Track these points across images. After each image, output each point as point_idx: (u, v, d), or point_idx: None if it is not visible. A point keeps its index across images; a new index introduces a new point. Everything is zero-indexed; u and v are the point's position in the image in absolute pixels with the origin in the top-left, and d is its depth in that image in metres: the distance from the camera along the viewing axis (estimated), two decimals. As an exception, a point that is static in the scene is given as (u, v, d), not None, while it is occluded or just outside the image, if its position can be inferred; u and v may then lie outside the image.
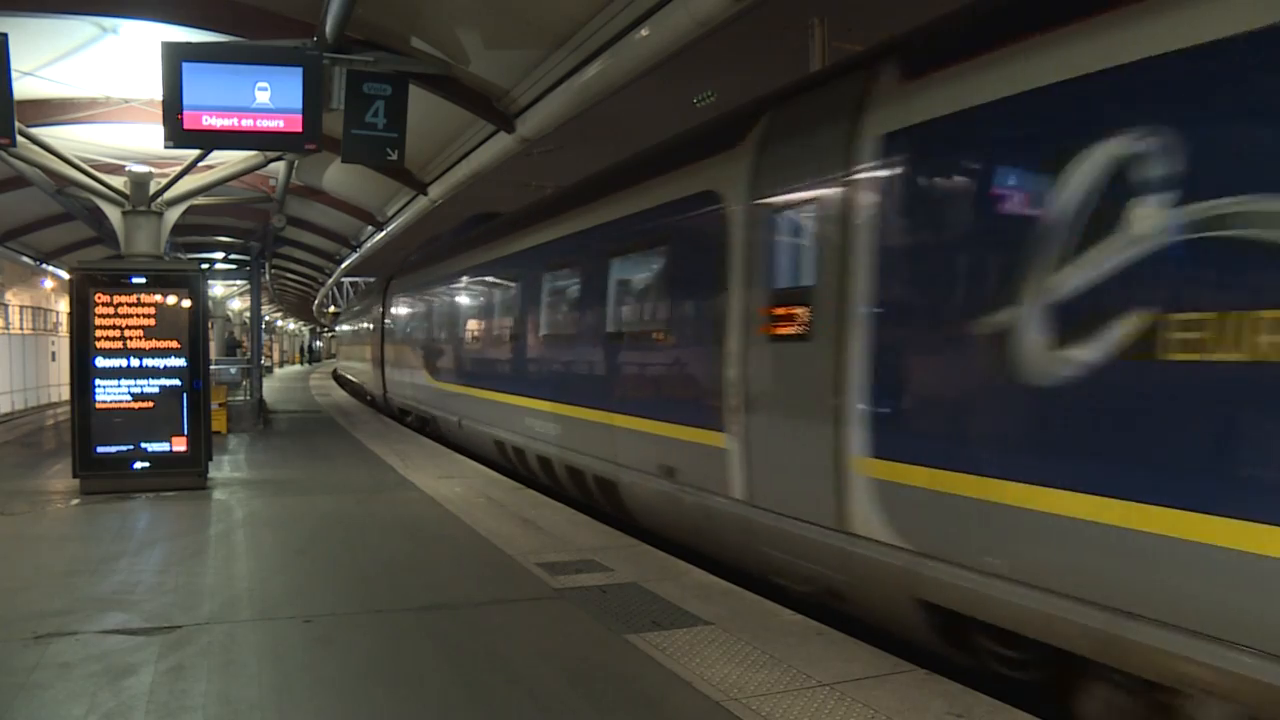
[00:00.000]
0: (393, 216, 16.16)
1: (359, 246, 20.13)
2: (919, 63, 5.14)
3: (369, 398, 24.72)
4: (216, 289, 23.87)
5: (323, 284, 31.90)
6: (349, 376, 32.67)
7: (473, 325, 13.49)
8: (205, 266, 10.82)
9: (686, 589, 6.03)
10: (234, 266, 20.47)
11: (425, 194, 13.39)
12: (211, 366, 14.41)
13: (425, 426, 16.86)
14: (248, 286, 21.85)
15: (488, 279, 12.72)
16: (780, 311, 5.93)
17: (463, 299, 14.14)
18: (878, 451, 5.04)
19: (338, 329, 41.90)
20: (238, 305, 32.26)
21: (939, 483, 4.63)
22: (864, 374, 5.16)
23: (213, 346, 19.43)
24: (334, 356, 59.83)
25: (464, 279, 14.05)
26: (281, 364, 60.05)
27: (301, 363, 69.99)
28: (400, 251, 24.00)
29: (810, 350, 5.60)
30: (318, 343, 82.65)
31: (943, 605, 4.73)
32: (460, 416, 13.82)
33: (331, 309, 56.40)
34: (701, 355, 6.86)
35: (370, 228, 17.79)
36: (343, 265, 23.89)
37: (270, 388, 29.67)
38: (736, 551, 6.60)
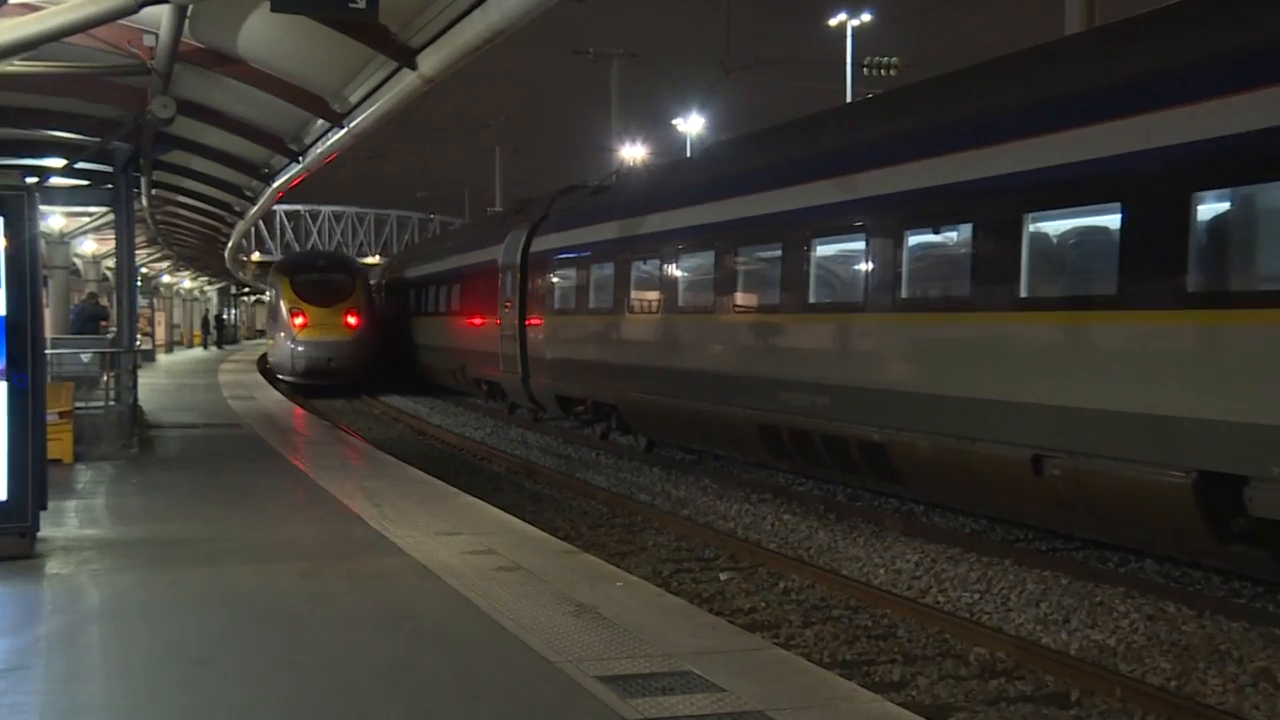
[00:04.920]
0: (359, 104, 16.16)
1: (303, 154, 20.27)
2: None
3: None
4: (54, 220, 24.21)
5: (243, 215, 32.08)
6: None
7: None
8: (33, 180, 10.70)
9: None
10: (85, 182, 20.84)
11: (413, 67, 13.44)
12: (47, 350, 14.58)
13: None
14: (110, 216, 22.03)
15: None
16: None
17: None
18: None
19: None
20: (92, 248, 32.66)
21: None
22: None
23: (49, 315, 19.68)
24: (262, 334, 60.66)
25: None
26: (170, 346, 61.56)
27: (205, 344, 71.55)
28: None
29: None
30: (231, 311, 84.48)
31: None
32: None
33: (255, 256, 57.09)
34: None
35: (322, 121, 17.88)
36: (274, 185, 24.06)
37: (151, 385, 30.76)
38: None
